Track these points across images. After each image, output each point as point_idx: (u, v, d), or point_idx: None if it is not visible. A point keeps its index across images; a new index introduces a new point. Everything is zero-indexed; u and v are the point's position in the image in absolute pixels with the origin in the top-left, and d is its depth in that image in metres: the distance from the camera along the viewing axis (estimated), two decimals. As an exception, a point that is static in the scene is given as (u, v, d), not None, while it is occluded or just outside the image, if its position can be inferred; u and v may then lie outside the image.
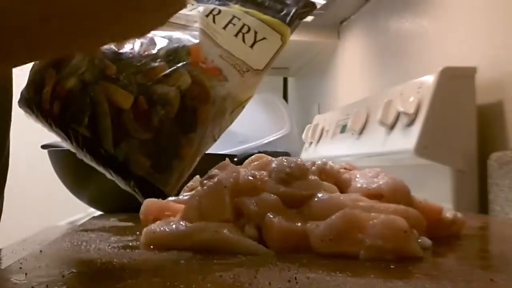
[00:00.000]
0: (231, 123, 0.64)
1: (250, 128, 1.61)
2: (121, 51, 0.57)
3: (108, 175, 0.62)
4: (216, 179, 0.40)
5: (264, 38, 0.62)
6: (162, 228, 0.38)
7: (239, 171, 0.42)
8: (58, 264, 0.31)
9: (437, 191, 0.79)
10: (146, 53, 0.57)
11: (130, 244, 0.39)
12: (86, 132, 0.57)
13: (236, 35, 0.61)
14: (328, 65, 1.66)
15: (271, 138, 1.57)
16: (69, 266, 0.30)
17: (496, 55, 0.79)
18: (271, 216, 0.37)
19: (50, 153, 0.81)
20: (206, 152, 0.71)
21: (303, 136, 1.36)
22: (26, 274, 0.27)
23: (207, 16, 0.61)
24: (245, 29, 0.61)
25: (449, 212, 0.44)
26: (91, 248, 0.36)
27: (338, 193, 0.41)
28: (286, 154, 1.10)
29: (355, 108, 1.04)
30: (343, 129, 1.09)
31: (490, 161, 0.73)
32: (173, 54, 0.57)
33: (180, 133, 0.57)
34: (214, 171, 0.43)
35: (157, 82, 0.56)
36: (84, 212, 1.08)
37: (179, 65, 0.57)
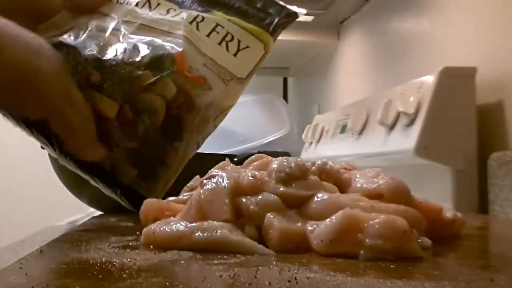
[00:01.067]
0: (214, 130, 0.64)
1: (250, 128, 1.61)
2: (104, 58, 0.56)
3: (92, 182, 0.61)
4: (216, 179, 0.40)
5: (247, 47, 0.62)
6: (162, 228, 0.38)
7: (239, 171, 0.42)
8: (58, 264, 0.31)
9: (437, 191, 0.79)
10: (130, 60, 0.56)
11: (130, 244, 0.39)
12: None
13: (220, 43, 0.60)
14: (328, 65, 1.66)
15: (271, 138, 1.58)
16: (69, 266, 0.30)
17: (496, 55, 0.79)
18: (271, 216, 0.37)
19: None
20: (206, 152, 0.72)
21: (303, 136, 1.36)
22: (26, 274, 0.27)
23: (190, 23, 0.60)
24: (228, 37, 0.61)
25: (449, 212, 0.44)
26: (91, 248, 0.36)
27: (338, 193, 0.41)
28: (286, 154, 1.10)
29: (355, 108, 1.04)
30: (343, 129, 1.09)
31: (490, 161, 0.73)
32: (158, 62, 0.57)
33: (166, 142, 0.57)
34: (214, 171, 0.43)
35: (142, 90, 0.55)
36: (84, 212, 1.08)
37: (164, 73, 0.56)
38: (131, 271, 0.28)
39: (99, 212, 0.79)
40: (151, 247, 0.37)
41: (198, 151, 0.62)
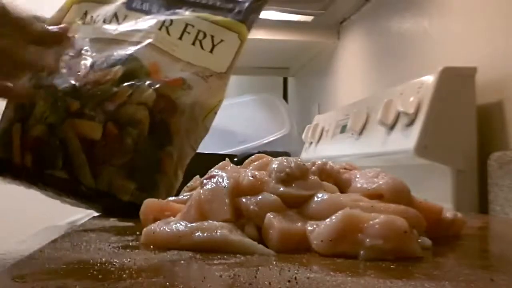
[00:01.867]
0: (207, 131, 0.64)
1: (250, 128, 1.61)
2: (79, 85, 0.57)
3: (96, 211, 0.61)
4: (216, 179, 0.40)
5: (222, 41, 0.61)
6: (162, 228, 0.38)
7: (239, 171, 0.42)
8: (58, 264, 0.31)
9: (437, 191, 0.79)
10: (104, 79, 0.57)
11: (130, 244, 0.39)
12: (63, 174, 0.56)
13: (193, 43, 0.60)
14: (328, 65, 1.66)
15: (271, 138, 1.58)
16: (69, 266, 0.30)
17: (496, 55, 0.79)
18: (271, 216, 0.37)
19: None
20: (206, 152, 0.71)
21: (303, 136, 1.36)
22: (26, 274, 0.27)
23: (160, 29, 0.60)
24: (201, 36, 0.61)
25: (449, 212, 0.44)
26: (91, 248, 0.36)
27: (338, 193, 0.41)
28: (286, 154, 1.10)
29: (355, 108, 1.04)
30: (343, 129, 1.09)
31: (490, 161, 0.73)
32: (132, 74, 0.57)
33: (157, 148, 0.58)
34: (214, 171, 0.43)
35: (122, 104, 0.56)
36: (84, 212, 1.08)
37: (139, 83, 0.57)
38: (131, 271, 0.28)
39: (99, 212, 0.79)
40: (151, 247, 0.37)
41: (198, 151, 0.63)
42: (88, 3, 0.65)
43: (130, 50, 0.59)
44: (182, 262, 0.32)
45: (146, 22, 0.62)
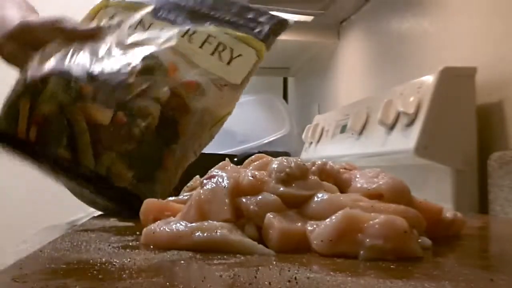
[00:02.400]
0: (210, 140, 0.66)
1: (250, 128, 1.61)
2: (95, 73, 0.59)
3: (88, 193, 0.62)
4: (216, 179, 0.40)
5: (240, 55, 0.63)
6: (162, 228, 0.38)
7: (239, 171, 0.42)
8: (58, 264, 0.31)
9: (437, 191, 0.79)
10: (122, 71, 0.59)
11: (130, 244, 0.39)
12: (65, 153, 0.58)
13: (212, 54, 0.63)
14: (328, 65, 1.66)
15: (271, 138, 1.58)
16: (69, 266, 0.30)
17: (496, 55, 0.79)
18: (271, 216, 0.37)
19: (50, 153, 0.81)
20: (206, 152, 0.73)
21: (303, 136, 1.36)
22: (26, 274, 0.27)
23: (183, 36, 0.63)
24: (221, 47, 0.63)
25: (449, 212, 0.44)
26: (91, 248, 0.36)
27: (338, 193, 0.41)
28: (286, 154, 1.10)
29: (355, 108, 1.04)
30: (343, 129, 1.09)
31: (490, 161, 0.73)
32: (150, 70, 0.59)
33: (162, 144, 0.59)
34: (214, 171, 0.43)
35: (136, 97, 0.58)
36: (84, 212, 1.08)
37: (157, 77, 0.59)
38: (131, 271, 0.28)
39: (99, 212, 0.79)
40: (151, 247, 0.37)
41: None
42: (116, 8, 0.69)
43: (152, 49, 0.61)
44: (182, 262, 0.32)
45: (172, 30, 0.64)
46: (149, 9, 0.67)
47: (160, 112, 0.58)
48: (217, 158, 0.54)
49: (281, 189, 0.39)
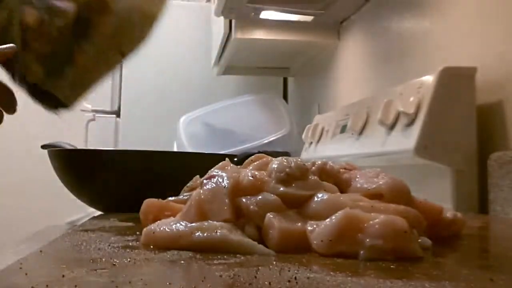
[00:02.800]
0: (144, 40, 0.66)
1: (250, 128, 1.61)
2: None
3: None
4: (216, 179, 0.40)
5: None
6: (162, 228, 0.38)
7: (239, 171, 0.42)
8: (58, 264, 0.31)
9: (437, 191, 0.79)
10: None
11: (130, 244, 0.39)
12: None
13: None
14: (328, 65, 1.66)
15: (271, 138, 1.58)
16: (69, 266, 0.30)
17: (496, 55, 0.79)
18: (271, 216, 0.37)
19: (50, 153, 0.81)
20: (206, 152, 0.72)
21: (303, 136, 1.36)
22: (26, 274, 0.27)
23: None
24: None
25: (449, 212, 0.44)
26: (91, 248, 0.36)
27: (338, 193, 0.41)
28: (286, 154, 1.10)
29: (355, 108, 1.04)
30: (343, 129, 1.09)
31: (490, 161, 0.73)
32: None
33: (72, 42, 0.61)
34: (214, 171, 0.43)
35: None
36: (84, 212, 1.08)
37: None
38: (131, 271, 0.28)
39: (99, 212, 0.79)
40: (151, 247, 0.37)
41: (198, 151, 0.64)
42: None
43: None
44: (182, 262, 0.32)
45: None
46: None
47: (77, 13, 0.60)
48: (217, 158, 0.54)
49: (281, 189, 0.39)
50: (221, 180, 0.40)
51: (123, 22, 0.62)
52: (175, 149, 1.68)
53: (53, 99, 0.54)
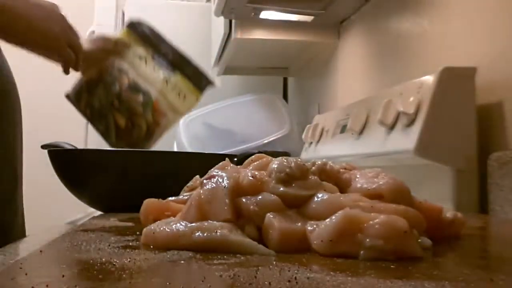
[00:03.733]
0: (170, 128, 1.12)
1: (250, 128, 1.61)
2: (119, 92, 1.06)
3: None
4: (216, 179, 0.40)
5: (188, 96, 1.11)
6: (162, 228, 0.38)
7: (239, 171, 0.42)
8: (58, 264, 0.31)
9: (437, 191, 0.79)
10: (133, 97, 1.07)
11: (130, 244, 0.39)
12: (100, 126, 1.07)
13: (178, 95, 1.10)
14: (328, 65, 1.66)
15: (271, 138, 1.58)
16: (69, 266, 0.30)
17: (496, 55, 0.79)
18: (271, 216, 0.37)
19: (50, 153, 0.81)
20: (206, 152, 1.00)
21: (303, 136, 1.36)
22: (26, 274, 0.27)
23: (164, 81, 1.09)
24: (180, 92, 1.10)
25: (449, 212, 0.44)
26: (91, 248, 0.36)
27: (338, 193, 0.41)
28: (286, 154, 1.10)
29: (355, 108, 1.04)
30: (343, 129, 1.09)
31: (490, 161, 0.73)
32: (146, 105, 1.07)
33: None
34: (214, 171, 0.43)
35: (135, 113, 1.06)
36: (84, 212, 1.08)
37: (147, 110, 1.07)
38: (131, 271, 0.28)
39: (99, 212, 0.79)
40: (151, 247, 0.37)
41: (198, 151, 0.83)
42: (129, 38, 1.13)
43: (147, 87, 1.09)
44: (182, 262, 0.32)
45: (159, 73, 1.10)
46: (150, 51, 1.10)
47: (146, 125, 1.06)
48: (217, 158, 0.54)
49: (281, 189, 0.39)
50: (221, 180, 0.40)
51: (161, 128, 1.09)
52: (175, 149, 1.68)
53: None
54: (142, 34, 1.12)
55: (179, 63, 1.13)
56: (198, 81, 1.13)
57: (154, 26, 1.12)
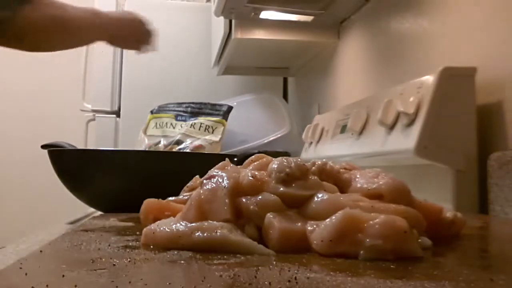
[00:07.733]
0: None
1: (250, 128, 1.61)
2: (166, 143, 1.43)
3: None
4: (216, 179, 0.40)
5: (216, 128, 1.41)
6: (162, 228, 0.38)
7: (239, 171, 0.42)
8: (58, 264, 0.31)
9: (437, 191, 0.79)
10: (172, 145, 1.38)
11: (130, 244, 0.39)
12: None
13: (205, 130, 1.40)
14: (328, 65, 1.66)
15: (271, 138, 1.58)
16: (69, 266, 0.30)
17: (496, 55, 0.79)
18: (271, 216, 0.37)
19: (50, 153, 0.81)
20: (206, 152, 0.92)
21: (303, 136, 1.36)
22: (26, 274, 0.27)
23: (190, 127, 1.41)
24: (207, 126, 1.41)
25: (449, 212, 0.44)
26: (91, 248, 0.36)
27: (338, 193, 0.41)
28: (286, 154, 1.10)
29: (355, 108, 1.04)
30: (343, 129, 1.09)
31: (490, 161, 0.73)
32: (179, 143, 1.38)
33: None
34: (214, 171, 0.43)
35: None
36: (84, 212, 1.08)
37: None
38: (131, 271, 0.28)
39: (99, 212, 0.79)
40: (151, 247, 0.37)
41: (198, 151, 0.85)
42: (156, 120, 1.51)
43: (178, 136, 1.41)
44: (182, 262, 0.32)
45: (184, 124, 1.44)
46: (173, 117, 1.48)
47: None
48: (217, 158, 0.54)
49: (281, 189, 0.39)
50: (221, 180, 0.40)
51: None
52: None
53: None
54: (162, 110, 1.51)
55: (195, 110, 1.47)
56: (217, 112, 1.45)
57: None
